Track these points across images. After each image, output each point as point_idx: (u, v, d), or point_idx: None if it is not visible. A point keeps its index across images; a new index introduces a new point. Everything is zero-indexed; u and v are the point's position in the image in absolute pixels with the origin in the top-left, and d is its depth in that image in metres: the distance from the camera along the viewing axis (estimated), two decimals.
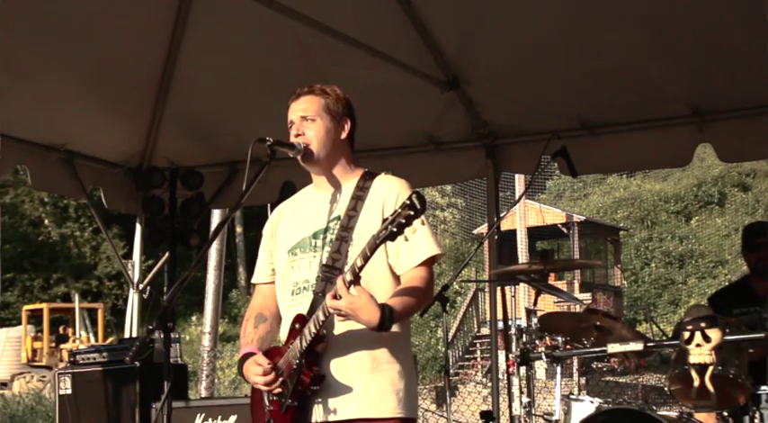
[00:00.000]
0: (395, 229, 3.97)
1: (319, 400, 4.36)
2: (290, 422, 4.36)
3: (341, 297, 4.12)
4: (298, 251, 4.55)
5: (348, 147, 4.65)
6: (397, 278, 4.44)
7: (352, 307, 4.12)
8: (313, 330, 4.27)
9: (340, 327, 4.32)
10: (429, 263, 4.44)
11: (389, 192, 4.48)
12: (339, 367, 4.36)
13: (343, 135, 4.61)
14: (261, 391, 4.46)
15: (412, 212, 3.95)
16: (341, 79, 7.99)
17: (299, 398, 4.34)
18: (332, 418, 4.34)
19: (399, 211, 3.98)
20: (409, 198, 3.97)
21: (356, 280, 4.13)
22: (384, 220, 4.03)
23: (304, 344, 4.30)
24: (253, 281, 4.88)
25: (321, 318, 4.23)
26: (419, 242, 4.35)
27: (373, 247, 4.05)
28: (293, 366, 4.34)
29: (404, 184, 4.56)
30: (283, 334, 4.53)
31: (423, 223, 4.04)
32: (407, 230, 3.97)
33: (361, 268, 4.11)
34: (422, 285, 4.41)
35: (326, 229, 4.50)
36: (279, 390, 4.37)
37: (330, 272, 4.39)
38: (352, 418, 4.34)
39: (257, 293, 4.82)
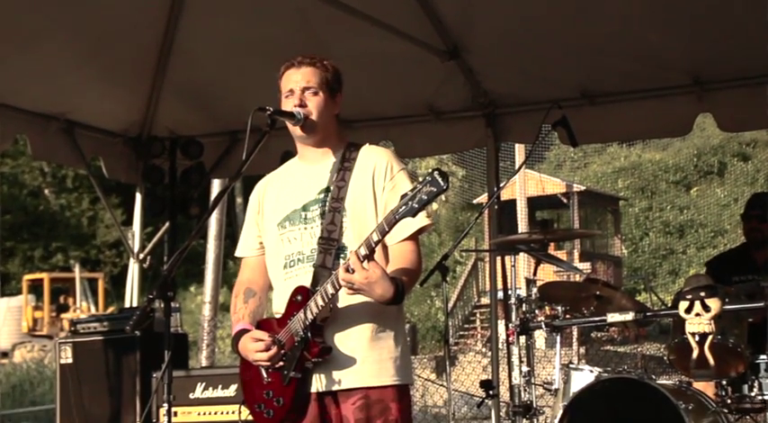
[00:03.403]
0: (416, 206, 3.98)
1: (320, 371, 4.38)
2: (293, 393, 4.37)
3: (353, 271, 4.12)
4: (287, 224, 4.55)
5: (336, 120, 4.67)
6: (384, 245, 4.43)
7: (367, 281, 4.13)
8: (321, 303, 4.27)
9: (343, 299, 4.34)
10: (417, 234, 4.47)
11: (378, 161, 4.50)
12: (340, 338, 4.39)
13: (337, 110, 4.63)
14: (254, 363, 4.46)
15: (434, 189, 3.95)
16: (341, 48, 8.00)
17: (301, 370, 4.36)
18: (334, 387, 4.37)
19: (420, 186, 3.98)
20: (431, 174, 3.97)
21: (371, 254, 4.14)
22: (403, 196, 4.02)
23: (309, 316, 4.31)
24: (238, 254, 4.84)
25: (330, 291, 4.25)
26: None
27: (392, 222, 4.06)
28: (297, 339, 4.35)
29: (390, 153, 4.61)
30: (279, 306, 4.52)
31: None
32: (429, 207, 4.00)
33: (377, 243, 4.12)
34: (416, 258, 4.46)
35: (316, 201, 4.51)
36: (281, 363, 4.38)
37: (327, 244, 4.41)
38: (352, 387, 4.37)
39: (244, 267, 4.80)
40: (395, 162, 4.51)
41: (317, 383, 4.38)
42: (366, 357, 4.39)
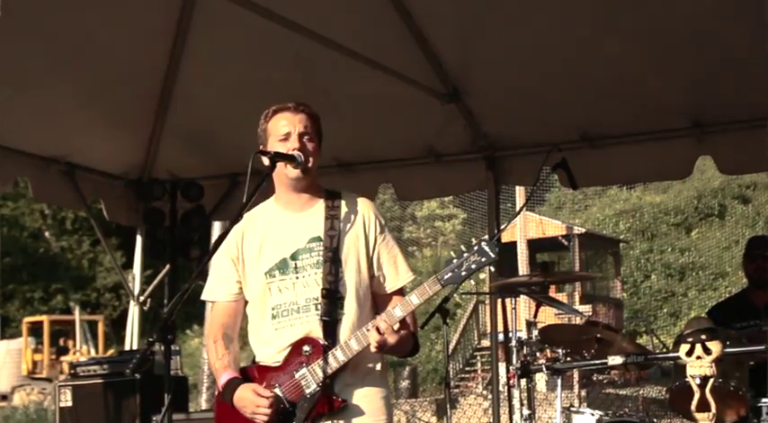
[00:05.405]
0: (463, 274, 4.24)
1: (327, 420, 4.44)
2: None
3: (383, 332, 4.27)
4: (277, 273, 4.54)
5: None
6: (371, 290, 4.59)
7: (401, 342, 4.33)
8: (342, 358, 4.36)
9: None
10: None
11: (366, 213, 4.62)
12: (346, 388, 4.46)
13: (319, 159, 4.65)
14: (251, 416, 4.44)
15: (484, 259, 4.21)
16: (342, 91, 8.04)
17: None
18: None
19: (467, 255, 4.24)
20: (479, 243, 4.24)
21: (405, 317, 4.34)
22: (448, 262, 4.27)
23: (328, 370, 4.37)
24: (211, 298, 4.78)
25: (356, 347, 4.35)
26: (402, 266, 4.64)
27: (436, 289, 4.28)
28: (307, 391, 4.39)
29: (374, 206, 4.72)
30: (267, 355, 4.54)
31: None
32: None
33: (416, 307, 4.31)
34: None
35: (307, 250, 4.52)
36: (281, 417, 4.40)
37: (332, 295, 4.45)
38: None
39: (218, 311, 4.74)
40: (380, 216, 4.66)
41: None
42: (361, 399, 4.47)
